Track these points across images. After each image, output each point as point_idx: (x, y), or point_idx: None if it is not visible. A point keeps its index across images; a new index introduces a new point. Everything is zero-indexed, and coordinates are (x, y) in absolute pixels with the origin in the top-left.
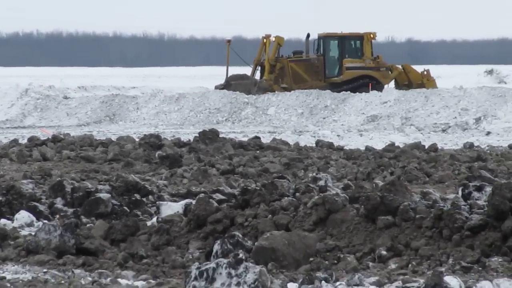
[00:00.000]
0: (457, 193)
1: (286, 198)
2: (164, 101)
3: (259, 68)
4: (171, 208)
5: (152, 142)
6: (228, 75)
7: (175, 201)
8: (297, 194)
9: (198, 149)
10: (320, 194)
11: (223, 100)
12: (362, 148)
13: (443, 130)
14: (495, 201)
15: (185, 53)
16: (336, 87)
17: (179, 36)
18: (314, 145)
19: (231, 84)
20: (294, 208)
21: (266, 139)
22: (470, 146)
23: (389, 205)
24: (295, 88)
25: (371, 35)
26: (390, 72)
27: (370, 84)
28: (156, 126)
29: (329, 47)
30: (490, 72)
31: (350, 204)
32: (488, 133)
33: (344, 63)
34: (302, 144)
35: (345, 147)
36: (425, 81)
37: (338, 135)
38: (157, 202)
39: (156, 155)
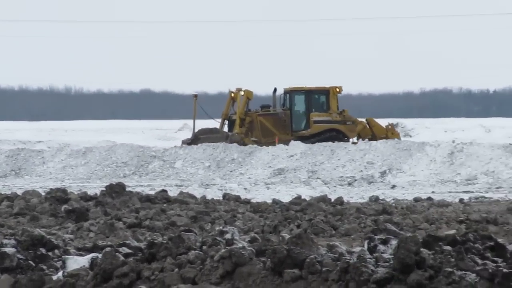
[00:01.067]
0: (363, 246)
1: (193, 251)
2: (71, 155)
3: (227, 122)
4: (77, 262)
5: (59, 196)
6: (195, 129)
7: (81, 255)
8: (204, 247)
9: (104, 202)
10: (227, 247)
11: (130, 154)
12: (269, 201)
13: (349, 183)
14: (400, 254)
15: (92, 107)
16: (304, 141)
17: (86, 89)
18: (221, 198)
19: (199, 138)
20: (201, 262)
21: (173, 192)
22: (375, 199)
23: (296, 258)
24: (264, 141)
25: (337, 89)
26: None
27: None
28: (63, 180)
29: (296, 101)
30: (395, 125)
31: (256, 257)
32: (394, 187)
33: (311, 117)
34: (209, 197)
35: (252, 200)
36: (390, 135)
37: (245, 188)
38: (63, 256)
39: (62, 209)
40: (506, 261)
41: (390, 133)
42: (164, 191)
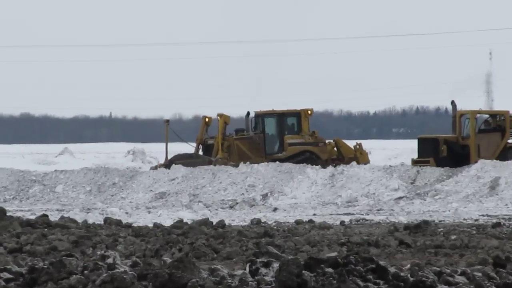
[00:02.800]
0: (245, 269)
1: (74, 276)
2: None
3: (201, 146)
4: None
5: None
6: (168, 154)
7: None
8: (86, 272)
9: None
10: (109, 271)
11: (10, 178)
12: (151, 225)
13: (231, 207)
14: (282, 277)
15: None
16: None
17: None
18: (102, 222)
19: (175, 163)
20: (83, 286)
21: (54, 217)
22: (257, 222)
23: (177, 282)
24: (232, 166)
25: (308, 111)
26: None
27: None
28: None
29: (268, 124)
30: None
31: (138, 282)
32: (275, 209)
33: (285, 140)
34: (90, 221)
35: (133, 224)
36: (358, 155)
37: (126, 212)
38: None
39: None
40: (387, 283)
41: (358, 153)
42: (45, 215)
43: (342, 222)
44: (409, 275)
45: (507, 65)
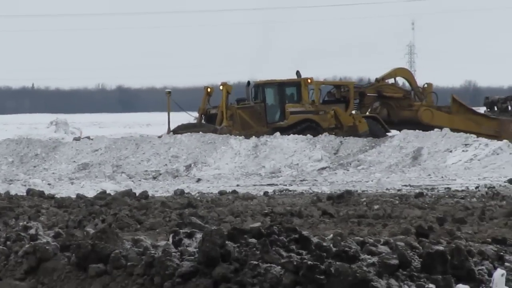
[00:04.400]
0: (168, 240)
1: None
2: None
3: (203, 116)
4: None
5: None
6: (170, 124)
7: None
8: (8, 242)
9: None
10: (31, 242)
11: None
12: (74, 196)
13: (154, 178)
14: (205, 248)
15: None
16: (281, 132)
17: None
18: (25, 193)
19: (179, 133)
20: (5, 257)
21: None
22: (180, 193)
23: (100, 253)
24: (242, 133)
25: (308, 80)
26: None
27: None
28: None
29: (268, 94)
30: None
31: (61, 253)
32: (199, 180)
33: (287, 108)
34: (12, 192)
35: (56, 196)
36: (357, 123)
37: (49, 184)
38: None
39: None
40: (310, 254)
41: (357, 121)
42: None
43: (265, 193)
44: (331, 245)
45: (429, 35)
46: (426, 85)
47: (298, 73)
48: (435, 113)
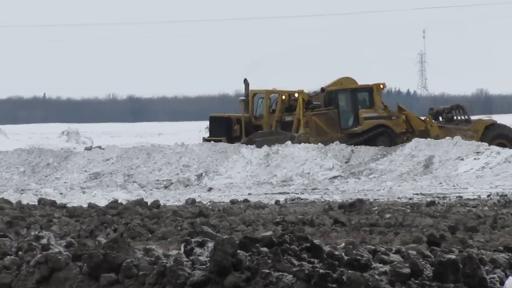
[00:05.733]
0: (180, 249)
1: (8, 257)
2: None
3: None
4: None
5: None
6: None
7: None
8: (20, 252)
9: None
10: (43, 252)
11: None
12: (85, 206)
13: (166, 187)
14: (217, 257)
15: None
16: (355, 138)
17: None
18: (36, 203)
19: (255, 141)
20: (17, 267)
21: None
22: (192, 202)
23: (112, 262)
24: (318, 140)
25: (381, 86)
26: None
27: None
28: None
29: (341, 100)
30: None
31: (73, 262)
32: (210, 189)
33: (360, 114)
34: (24, 202)
35: (67, 205)
36: (429, 127)
37: (60, 193)
38: None
39: None
40: (322, 262)
41: (429, 125)
42: None
43: (277, 202)
44: (343, 253)
45: (440, 44)
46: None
47: (246, 81)
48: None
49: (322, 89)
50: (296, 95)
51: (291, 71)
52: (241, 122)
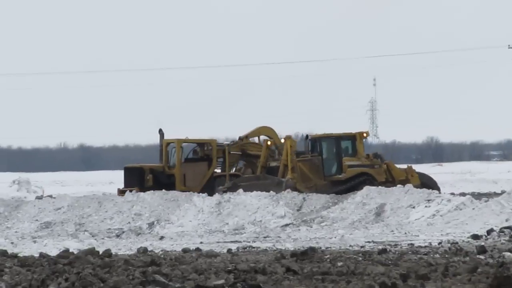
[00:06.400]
0: None
1: None
2: None
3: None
4: None
5: None
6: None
7: None
8: None
9: None
10: None
11: None
12: (37, 255)
13: (117, 236)
14: None
15: None
16: (338, 185)
17: None
18: None
19: (238, 186)
20: None
21: None
22: (144, 250)
23: None
24: (302, 186)
25: (364, 134)
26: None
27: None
28: None
29: (325, 147)
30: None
31: None
32: (162, 238)
33: (344, 162)
34: None
35: (19, 254)
36: (410, 177)
37: (12, 242)
38: None
39: None
40: None
41: (409, 175)
42: None
43: (229, 250)
44: None
45: (390, 91)
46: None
47: (160, 131)
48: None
49: (307, 136)
50: (283, 140)
51: (217, 120)
52: (154, 172)
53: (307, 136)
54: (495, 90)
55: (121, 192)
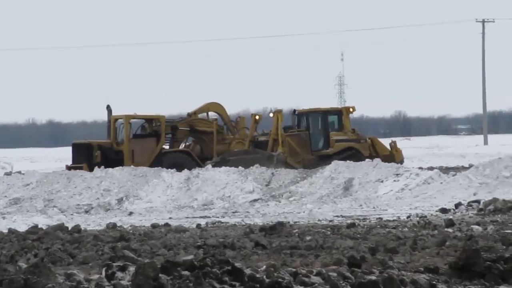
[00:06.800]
0: (101, 274)
1: None
2: None
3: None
4: None
5: None
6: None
7: None
8: None
9: None
10: None
11: None
12: (5, 231)
13: (86, 211)
14: (138, 281)
15: None
16: (325, 159)
17: None
18: None
19: (228, 160)
20: None
21: None
22: (113, 226)
23: (33, 287)
24: (290, 161)
25: (350, 109)
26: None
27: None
28: None
29: (312, 122)
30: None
31: None
32: (131, 213)
33: (331, 136)
34: None
35: None
36: (394, 152)
37: None
38: None
39: None
40: (243, 285)
41: (394, 150)
42: None
43: (198, 225)
44: (265, 276)
45: (358, 66)
46: (239, 119)
47: (108, 107)
48: (248, 146)
49: (294, 111)
50: (271, 115)
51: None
52: (102, 148)
53: (294, 110)
54: (463, 65)
55: (69, 169)
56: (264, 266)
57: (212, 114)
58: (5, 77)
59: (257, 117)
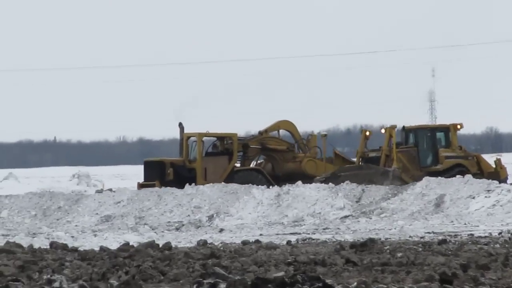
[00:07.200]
0: None
1: None
2: None
3: (361, 159)
4: None
5: None
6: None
7: None
8: None
9: None
10: None
11: None
12: (97, 249)
13: (177, 229)
14: None
15: None
16: (435, 176)
17: None
18: (48, 246)
19: (339, 176)
20: None
21: None
22: (203, 243)
23: None
24: (405, 177)
25: (458, 126)
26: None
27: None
28: None
29: (421, 138)
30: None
31: None
32: (221, 230)
33: (440, 153)
34: (36, 246)
35: (79, 248)
36: (498, 169)
37: (72, 236)
38: None
39: None
40: None
41: (498, 167)
42: None
43: (288, 242)
44: None
45: (449, 82)
46: (310, 137)
47: (180, 125)
48: (319, 164)
49: (403, 127)
50: (383, 131)
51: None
52: (174, 165)
53: (403, 127)
54: None
55: (141, 186)
56: (355, 283)
57: (283, 133)
58: (97, 95)
59: (367, 133)
